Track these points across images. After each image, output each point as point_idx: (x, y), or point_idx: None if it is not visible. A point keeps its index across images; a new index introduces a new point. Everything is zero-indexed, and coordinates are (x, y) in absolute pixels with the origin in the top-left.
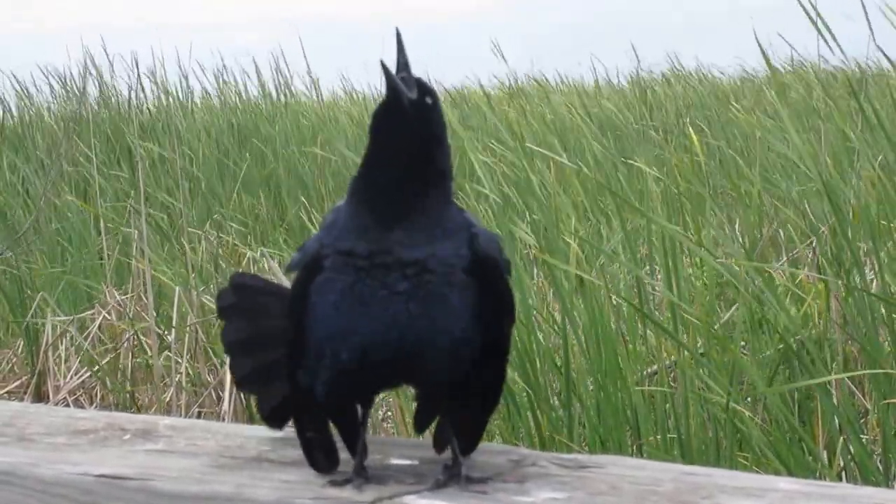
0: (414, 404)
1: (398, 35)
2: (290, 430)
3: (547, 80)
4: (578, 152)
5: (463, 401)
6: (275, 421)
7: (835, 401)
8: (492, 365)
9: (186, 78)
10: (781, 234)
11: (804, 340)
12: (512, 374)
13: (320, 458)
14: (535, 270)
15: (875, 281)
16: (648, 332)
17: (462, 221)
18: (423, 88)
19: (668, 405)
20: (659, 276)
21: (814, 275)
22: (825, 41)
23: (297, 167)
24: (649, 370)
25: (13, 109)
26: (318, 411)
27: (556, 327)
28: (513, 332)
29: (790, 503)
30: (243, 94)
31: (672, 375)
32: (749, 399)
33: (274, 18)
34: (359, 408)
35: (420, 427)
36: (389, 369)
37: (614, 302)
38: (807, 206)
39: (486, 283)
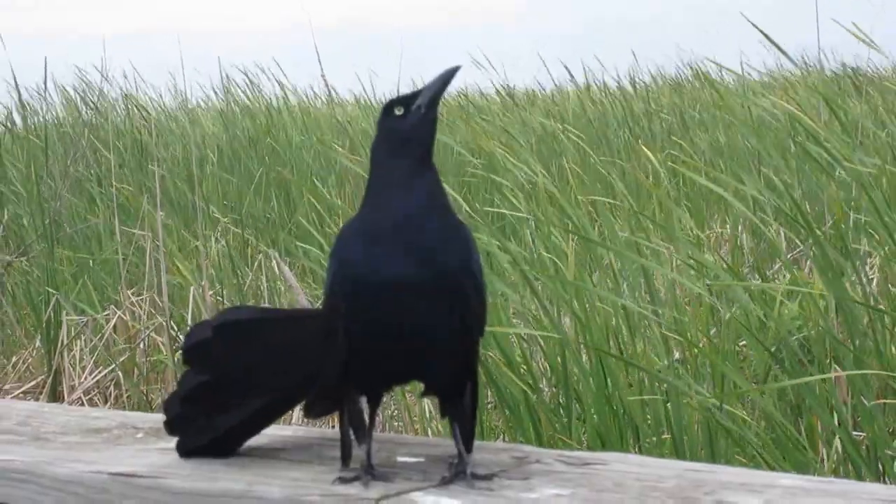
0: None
1: (454, 71)
2: (298, 429)
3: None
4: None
5: (459, 400)
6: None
7: (836, 399)
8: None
9: (195, 84)
10: (783, 235)
11: (799, 340)
12: (510, 375)
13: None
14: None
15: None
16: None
17: (463, 236)
18: (410, 99)
19: (662, 408)
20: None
21: (804, 284)
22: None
23: (308, 170)
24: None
25: (29, 113)
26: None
27: (550, 328)
28: (479, 340)
29: (791, 499)
30: (255, 98)
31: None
32: (747, 401)
33: (286, 23)
34: (367, 407)
35: (442, 415)
36: (399, 358)
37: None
38: (807, 208)
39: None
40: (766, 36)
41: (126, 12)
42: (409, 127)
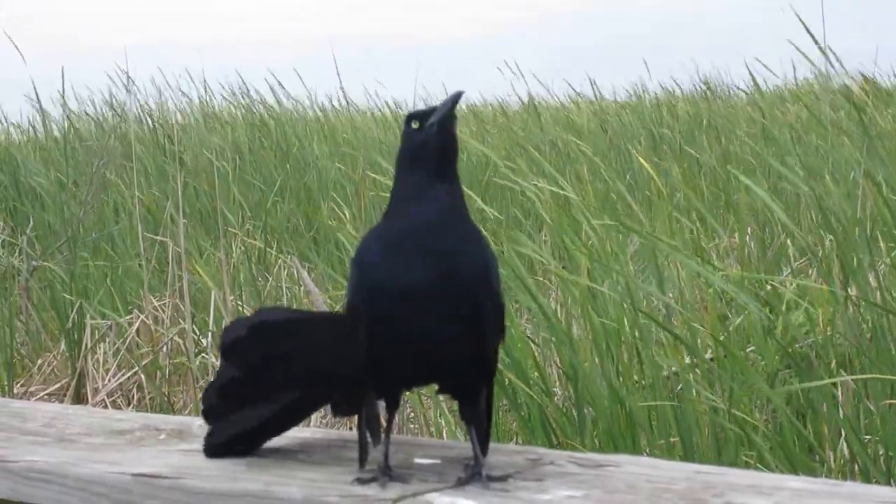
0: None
1: (458, 95)
2: (316, 431)
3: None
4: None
5: (475, 403)
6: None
7: (839, 404)
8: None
9: (215, 93)
10: (790, 243)
11: (809, 345)
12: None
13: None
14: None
15: (878, 290)
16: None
17: (480, 244)
18: (426, 115)
19: (673, 411)
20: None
21: (813, 285)
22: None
23: (328, 178)
24: (664, 373)
25: (56, 122)
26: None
27: (565, 334)
28: (496, 346)
29: (799, 501)
30: (276, 108)
31: (679, 386)
32: (756, 403)
33: (306, 37)
34: (385, 410)
35: (461, 417)
36: (415, 361)
37: (625, 308)
38: (812, 217)
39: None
40: (815, 40)
41: (129, 23)
42: (422, 140)
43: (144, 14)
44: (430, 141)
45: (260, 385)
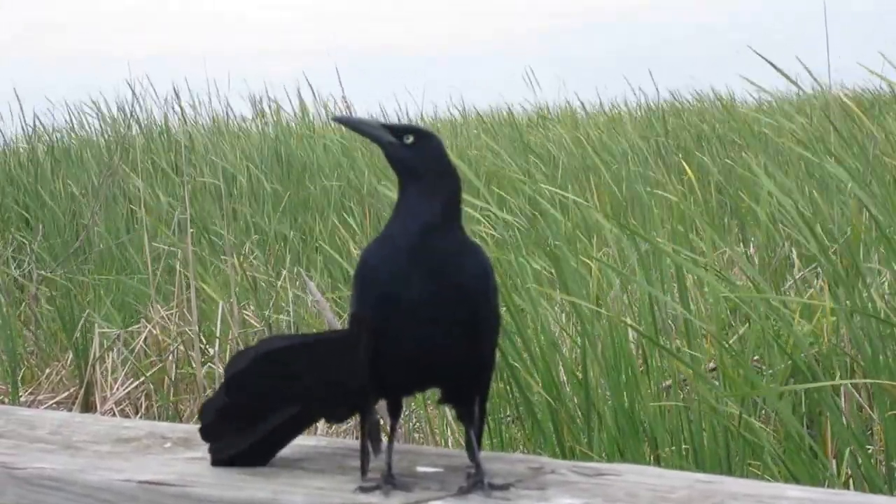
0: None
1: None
2: (321, 440)
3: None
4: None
5: (471, 408)
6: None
7: (843, 412)
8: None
9: (225, 106)
10: (794, 254)
11: (814, 355)
12: (535, 386)
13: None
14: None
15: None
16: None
17: (475, 256)
18: (400, 130)
19: (682, 417)
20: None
21: (816, 301)
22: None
23: (332, 190)
24: (664, 384)
25: (65, 132)
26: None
27: (577, 343)
28: (491, 349)
29: None
30: (282, 122)
31: (686, 389)
32: (762, 412)
33: (312, 49)
34: (388, 419)
35: (458, 419)
36: (410, 370)
37: (630, 322)
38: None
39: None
40: (773, 64)
41: (140, 35)
42: (419, 155)
43: (149, 24)
44: (430, 155)
45: (261, 410)
